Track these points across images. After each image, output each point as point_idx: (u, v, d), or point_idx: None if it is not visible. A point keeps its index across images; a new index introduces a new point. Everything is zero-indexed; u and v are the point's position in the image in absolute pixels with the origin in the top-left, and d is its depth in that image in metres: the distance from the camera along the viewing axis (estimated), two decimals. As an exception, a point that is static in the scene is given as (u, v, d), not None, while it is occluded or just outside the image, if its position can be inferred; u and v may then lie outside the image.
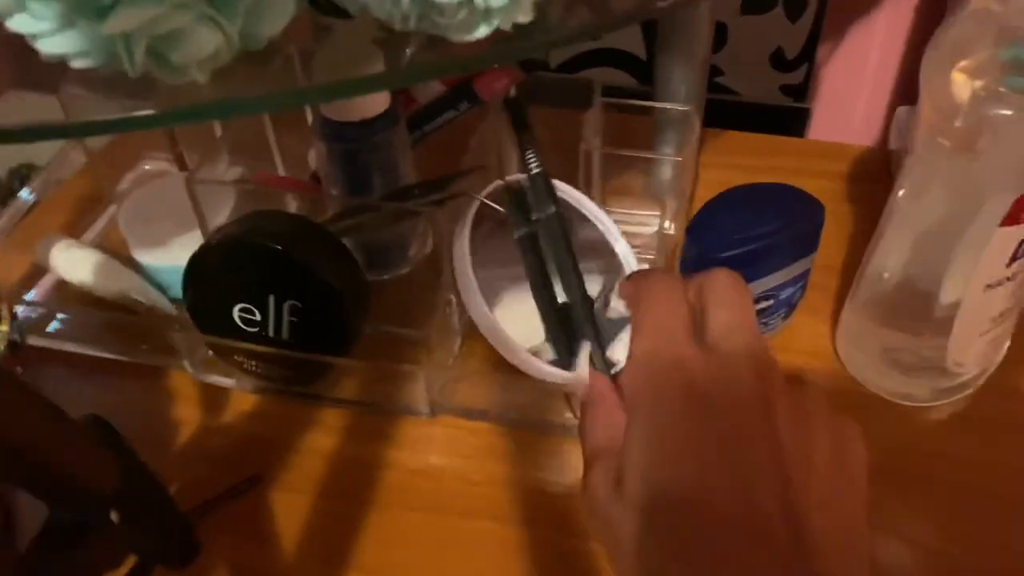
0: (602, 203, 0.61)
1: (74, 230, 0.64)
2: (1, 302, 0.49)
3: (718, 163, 0.68)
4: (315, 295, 0.48)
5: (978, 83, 0.39)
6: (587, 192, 0.58)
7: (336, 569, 0.45)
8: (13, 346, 0.49)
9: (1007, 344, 0.52)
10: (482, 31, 0.37)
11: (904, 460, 0.48)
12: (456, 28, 0.37)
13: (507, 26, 0.37)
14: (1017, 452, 0.48)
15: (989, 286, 0.45)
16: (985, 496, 0.47)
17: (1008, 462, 0.48)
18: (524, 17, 0.37)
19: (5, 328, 0.47)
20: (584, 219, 0.50)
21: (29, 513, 0.35)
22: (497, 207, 0.49)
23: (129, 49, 0.33)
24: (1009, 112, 0.38)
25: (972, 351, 0.49)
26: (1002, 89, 0.38)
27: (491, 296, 0.47)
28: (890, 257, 0.49)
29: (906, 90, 0.74)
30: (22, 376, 0.51)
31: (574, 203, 0.48)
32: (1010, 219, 0.42)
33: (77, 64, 0.34)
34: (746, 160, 0.69)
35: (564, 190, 0.53)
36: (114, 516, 0.37)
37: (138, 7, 0.31)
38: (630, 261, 0.53)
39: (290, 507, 0.48)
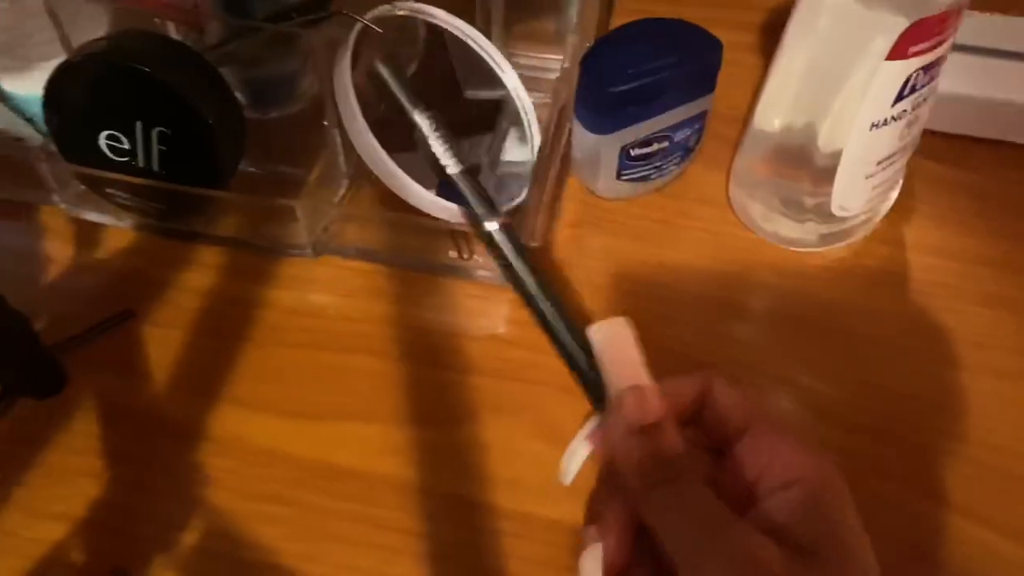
0: (506, 47, 0.59)
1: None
2: None
3: (632, 8, 0.65)
4: (185, 123, 0.46)
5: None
6: (487, 34, 0.55)
7: (207, 401, 0.45)
8: None
9: (895, 193, 0.52)
10: None
11: (790, 305, 0.49)
12: None
13: None
14: (895, 299, 0.49)
15: (875, 125, 0.44)
16: (856, 337, 0.47)
17: (887, 308, 0.49)
18: None
19: None
20: (472, 53, 0.48)
21: None
22: (374, 27, 0.47)
23: None
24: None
25: (857, 194, 0.48)
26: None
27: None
28: (779, 101, 0.48)
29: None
30: None
31: (459, 34, 0.46)
32: (896, 52, 0.41)
33: None
34: (660, 7, 0.66)
35: (450, 22, 0.50)
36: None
37: None
38: (521, 95, 0.51)
39: (163, 342, 0.47)
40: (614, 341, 0.30)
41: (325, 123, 0.49)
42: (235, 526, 0.41)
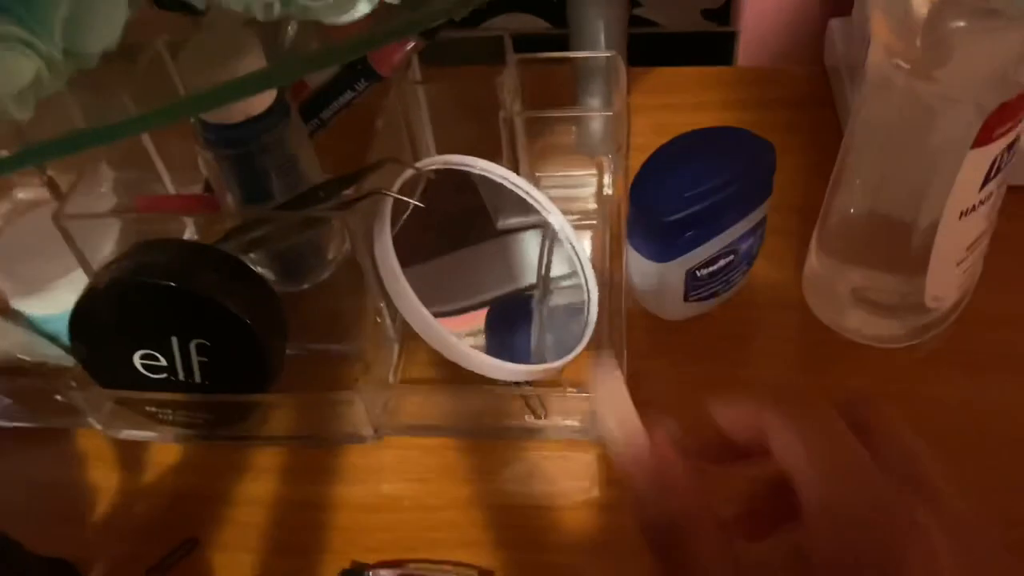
0: (531, 170, 0.56)
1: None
2: None
3: (648, 104, 0.63)
4: (222, 329, 0.42)
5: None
6: (513, 160, 0.53)
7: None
8: None
9: (980, 270, 0.48)
10: (361, 9, 0.31)
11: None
12: (329, 10, 0.31)
13: (391, -1, 0.31)
14: (1002, 385, 0.45)
15: (963, 213, 0.41)
16: (970, 435, 0.43)
17: (998, 398, 0.45)
18: (407, -13, 0.31)
19: None
20: (515, 197, 0.46)
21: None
22: (412, 201, 0.43)
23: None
24: (977, 25, 0.34)
25: (950, 283, 0.45)
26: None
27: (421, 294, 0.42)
28: (853, 192, 0.44)
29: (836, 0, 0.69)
30: None
31: (498, 179, 0.44)
32: (982, 139, 0.38)
33: None
34: (677, 98, 0.64)
35: (488, 169, 0.47)
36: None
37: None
38: (567, 232, 0.48)
39: (234, 569, 0.43)
40: (609, 392, 0.29)
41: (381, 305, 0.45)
42: None
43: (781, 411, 0.26)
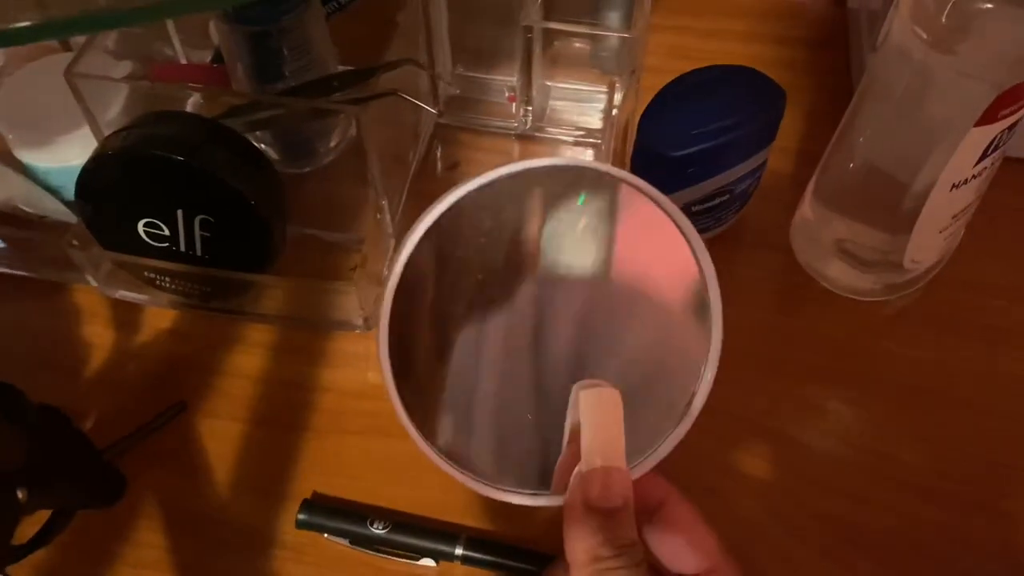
0: (545, 78, 0.56)
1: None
2: None
3: (665, 25, 0.62)
4: (227, 208, 0.43)
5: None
6: (527, 68, 0.53)
7: (273, 500, 0.43)
8: None
9: (960, 236, 0.50)
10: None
11: (851, 357, 0.48)
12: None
13: None
14: (967, 349, 0.48)
15: (955, 185, 0.43)
16: (930, 394, 0.46)
17: (957, 361, 0.47)
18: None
19: None
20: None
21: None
22: (425, 106, 0.44)
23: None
24: (1005, 10, 0.34)
25: (930, 248, 0.47)
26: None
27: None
28: (855, 147, 0.46)
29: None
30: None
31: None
32: (986, 119, 0.39)
33: None
34: (695, 22, 0.63)
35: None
36: (21, 493, 0.33)
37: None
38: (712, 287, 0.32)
39: (219, 436, 0.45)
40: (604, 409, 0.29)
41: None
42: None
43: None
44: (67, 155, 0.50)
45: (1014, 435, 0.44)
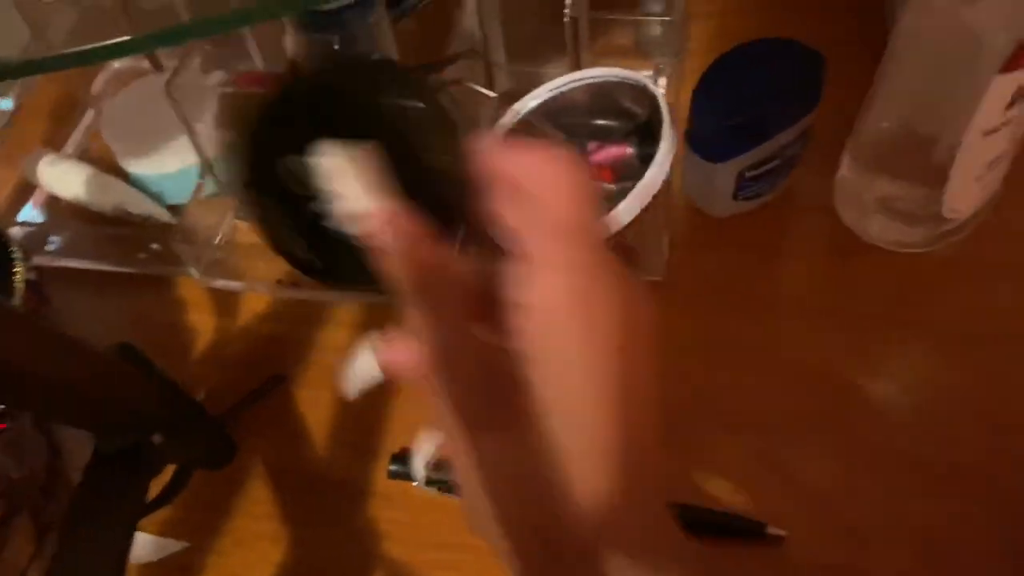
0: (592, 64, 0.60)
1: (54, 140, 0.63)
2: (13, 244, 0.48)
3: (704, 12, 0.65)
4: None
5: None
6: (576, 58, 0.57)
7: (367, 457, 0.48)
8: (31, 286, 0.48)
9: (997, 188, 0.52)
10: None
11: (902, 306, 0.50)
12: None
13: None
14: (1012, 294, 0.50)
15: (987, 132, 0.45)
16: (982, 340, 0.48)
17: (1001, 304, 0.49)
18: None
19: (21, 270, 0.47)
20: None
21: (77, 448, 0.37)
22: (485, 91, 0.48)
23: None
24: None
25: (968, 197, 0.49)
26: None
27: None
28: (887, 105, 0.48)
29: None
30: (46, 311, 0.51)
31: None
32: (1010, 65, 0.42)
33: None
34: (734, 2, 0.67)
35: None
36: (156, 437, 0.38)
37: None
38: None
39: (315, 404, 0.50)
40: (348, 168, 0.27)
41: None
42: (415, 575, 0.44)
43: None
44: (164, 164, 0.56)
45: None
